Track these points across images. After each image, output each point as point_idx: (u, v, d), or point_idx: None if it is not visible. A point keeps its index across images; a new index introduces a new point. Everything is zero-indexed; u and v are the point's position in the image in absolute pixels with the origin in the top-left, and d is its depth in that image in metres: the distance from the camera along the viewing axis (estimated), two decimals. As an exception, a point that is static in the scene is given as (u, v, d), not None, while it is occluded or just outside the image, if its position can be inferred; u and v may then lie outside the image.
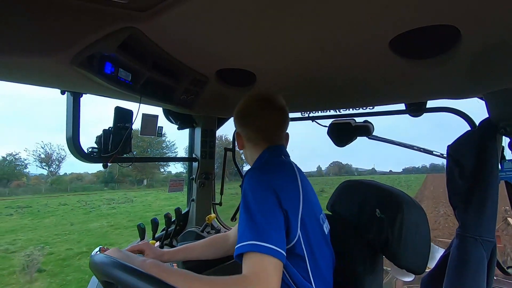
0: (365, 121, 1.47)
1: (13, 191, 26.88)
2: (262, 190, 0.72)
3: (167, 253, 0.98)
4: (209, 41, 0.84)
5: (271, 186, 0.72)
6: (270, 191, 0.71)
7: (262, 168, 0.81)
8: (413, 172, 63.21)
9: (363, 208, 0.96)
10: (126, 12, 0.68)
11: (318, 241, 0.78)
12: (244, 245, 0.65)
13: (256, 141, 0.92)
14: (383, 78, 1.02)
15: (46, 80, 0.88)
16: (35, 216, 14.62)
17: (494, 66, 0.81)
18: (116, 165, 1.19)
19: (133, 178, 32.51)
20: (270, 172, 0.77)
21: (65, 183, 30.42)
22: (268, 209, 0.69)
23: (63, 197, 22.51)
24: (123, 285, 0.58)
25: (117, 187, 31.14)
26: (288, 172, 0.80)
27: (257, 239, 0.64)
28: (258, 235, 0.65)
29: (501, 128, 0.91)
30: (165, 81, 1.07)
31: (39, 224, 12.83)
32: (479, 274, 0.87)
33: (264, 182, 0.73)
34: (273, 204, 0.70)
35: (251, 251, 0.64)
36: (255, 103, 0.92)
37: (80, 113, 1.04)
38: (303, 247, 0.74)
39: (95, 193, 26.23)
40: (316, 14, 0.65)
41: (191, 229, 1.61)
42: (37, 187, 29.25)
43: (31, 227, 12.14)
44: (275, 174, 0.76)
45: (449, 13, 0.62)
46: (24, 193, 26.39)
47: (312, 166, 49.23)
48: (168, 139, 32.34)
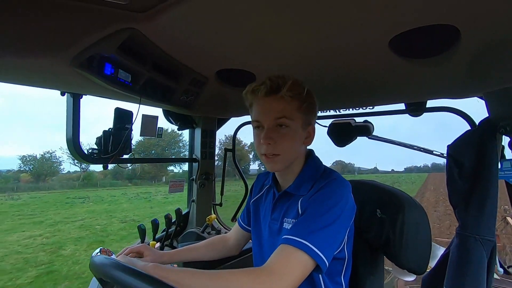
0: (365, 121, 1.47)
1: (51, 186, 29.18)
2: (351, 204, 0.74)
3: (166, 255, 0.97)
4: (209, 42, 0.84)
5: (352, 200, 0.75)
6: (353, 206, 0.75)
7: (342, 179, 0.78)
8: (414, 171, 63.28)
9: (363, 208, 0.96)
10: (126, 13, 0.68)
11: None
12: (300, 242, 0.64)
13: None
14: (383, 78, 1.02)
15: (45, 81, 0.88)
16: (107, 203, 16.20)
17: (494, 65, 0.81)
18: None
19: (153, 175, 33.98)
20: (348, 186, 0.76)
21: (95, 179, 32.72)
22: (345, 225, 0.72)
23: (103, 191, 24.67)
24: (124, 286, 0.57)
25: (139, 183, 33.20)
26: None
27: (316, 246, 0.63)
28: (320, 244, 0.64)
29: (501, 127, 0.91)
30: (164, 82, 1.07)
31: (121, 208, 14.20)
32: (479, 273, 0.87)
33: (350, 196, 0.75)
34: (348, 222, 0.74)
35: (301, 250, 0.63)
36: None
37: (80, 114, 1.04)
38: (345, 250, 0.79)
39: (124, 188, 28.46)
40: (316, 14, 0.65)
41: (192, 230, 1.61)
42: (71, 183, 31.75)
43: (121, 210, 13.52)
44: (350, 188, 0.77)
45: (448, 12, 0.62)
46: (61, 188, 28.65)
47: None
48: (185, 138, 34.61)
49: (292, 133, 0.75)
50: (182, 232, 1.64)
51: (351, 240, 0.82)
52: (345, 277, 0.82)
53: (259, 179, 1.01)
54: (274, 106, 0.74)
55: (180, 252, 1.01)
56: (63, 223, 10.70)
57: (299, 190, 0.79)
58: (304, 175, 0.81)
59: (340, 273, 0.80)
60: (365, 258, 0.94)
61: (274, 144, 0.74)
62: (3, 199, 18.95)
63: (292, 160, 0.80)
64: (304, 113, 0.77)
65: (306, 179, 0.80)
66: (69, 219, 11.29)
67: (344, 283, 0.82)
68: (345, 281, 0.83)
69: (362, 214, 0.96)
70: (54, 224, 10.45)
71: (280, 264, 0.62)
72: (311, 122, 0.82)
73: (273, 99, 0.73)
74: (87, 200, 17.35)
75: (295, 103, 0.75)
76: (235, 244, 1.07)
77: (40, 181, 33.33)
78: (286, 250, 0.64)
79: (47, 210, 13.89)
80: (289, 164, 0.80)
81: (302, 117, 0.77)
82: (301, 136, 0.79)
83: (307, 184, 0.79)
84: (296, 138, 0.77)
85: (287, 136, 0.75)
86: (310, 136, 0.83)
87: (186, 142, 1.84)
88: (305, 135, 0.81)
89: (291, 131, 0.75)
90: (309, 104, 0.78)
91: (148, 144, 36.75)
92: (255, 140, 0.80)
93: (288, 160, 0.78)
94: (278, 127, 0.74)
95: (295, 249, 0.63)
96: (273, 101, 0.74)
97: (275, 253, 0.65)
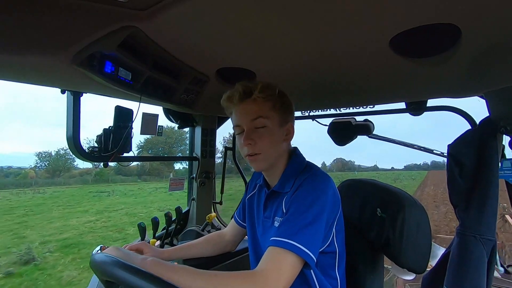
0: (366, 120, 1.47)
1: (66, 182, 30.46)
2: (333, 198, 0.75)
3: (166, 252, 0.98)
4: (209, 40, 0.84)
5: (336, 194, 0.76)
6: (337, 200, 0.76)
7: (322, 173, 0.80)
8: (414, 169, 63.62)
9: (364, 207, 0.97)
10: (126, 11, 0.68)
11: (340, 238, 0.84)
12: (287, 242, 0.66)
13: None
14: (383, 77, 1.02)
15: (46, 80, 0.88)
16: (132, 196, 17.22)
17: (495, 65, 0.81)
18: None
19: (160, 172, 35.49)
20: (328, 179, 0.78)
21: (106, 175, 33.65)
22: (329, 219, 0.73)
23: (116, 186, 25.35)
24: (124, 284, 0.58)
25: (148, 179, 34.68)
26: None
27: (303, 244, 0.65)
28: (305, 240, 0.66)
29: (501, 127, 0.90)
30: (165, 80, 1.07)
31: (149, 200, 15.09)
32: (480, 273, 0.87)
33: (333, 189, 0.76)
34: (334, 213, 0.75)
35: (288, 250, 0.65)
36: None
37: (81, 112, 1.04)
38: (336, 244, 0.80)
39: (135, 183, 29.93)
40: (316, 13, 0.65)
41: (192, 228, 1.61)
42: (85, 178, 33.11)
43: (150, 201, 14.45)
44: (331, 182, 0.78)
45: (449, 11, 0.62)
46: (75, 183, 29.98)
47: (317, 163, 51.39)
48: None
49: (269, 132, 0.80)
50: (182, 230, 1.64)
51: (342, 232, 0.83)
52: (339, 271, 0.82)
53: (254, 177, 1.04)
54: (249, 108, 0.80)
55: (178, 249, 1.02)
56: (107, 211, 11.81)
57: (284, 188, 0.82)
58: (288, 173, 0.84)
59: (333, 267, 0.81)
60: (365, 256, 0.94)
61: (255, 144, 0.79)
62: (30, 193, 20.09)
63: (274, 158, 0.83)
64: (279, 112, 0.82)
65: (289, 177, 0.82)
66: (110, 209, 12.43)
67: (338, 277, 0.82)
68: (340, 274, 0.83)
69: (363, 213, 0.97)
70: (100, 213, 11.52)
71: (271, 267, 0.64)
72: (288, 120, 0.86)
73: (247, 103, 0.80)
74: (111, 194, 18.50)
75: (269, 103, 0.80)
76: (232, 240, 1.10)
77: (55, 176, 34.75)
78: (275, 252, 0.66)
79: (81, 202, 15.10)
80: (273, 162, 0.83)
81: (278, 116, 0.82)
82: (279, 134, 0.83)
83: (290, 181, 0.81)
84: (274, 136, 0.81)
85: (265, 135, 0.80)
86: (290, 133, 0.87)
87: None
88: (285, 133, 0.84)
89: (268, 130, 0.80)
90: (282, 103, 0.83)
91: (156, 141, 37.93)
92: (238, 145, 0.84)
93: (270, 158, 0.82)
94: (257, 128, 0.80)
95: (283, 250, 0.65)
96: (247, 104, 0.80)
97: (265, 255, 0.68)
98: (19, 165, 54.03)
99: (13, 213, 11.76)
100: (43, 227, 9.23)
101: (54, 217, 10.81)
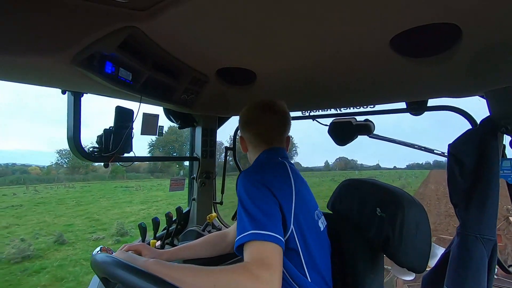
0: (366, 120, 1.46)
1: (85, 178, 32.27)
2: (254, 186, 0.75)
3: (166, 253, 0.98)
4: (209, 40, 0.84)
5: (263, 183, 0.75)
6: (263, 187, 0.75)
7: (254, 168, 0.85)
8: (416, 168, 63.65)
9: (363, 207, 0.96)
10: (126, 11, 0.68)
11: (312, 236, 0.81)
12: (244, 235, 0.67)
13: (256, 144, 0.96)
14: (384, 76, 1.02)
15: (46, 80, 0.88)
16: (160, 190, 18.41)
17: (495, 64, 0.81)
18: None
19: (171, 169, 36.73)
20: (261, 172, 0.80)
21: (122, 172, 35.08)
22: (262, 201, 0.72)
23: (134, 182, 27.11)
24: (125, 284, 0.58)
25: (161, 176, 36.36)
26: (281, 171, 0.83)
27: (256, 229, 0.66)
28: (256, 225, 0.67)
29: (502, 126, 0.90)
30: (165, 80, 1.07)
31: (178, 193, 16.55)
32: (480, 273, 0.87)
33: (256, 181, 0.76)
34: (267, 197, 0.74)
35: (251, 240, 0.66)
36: (256, 109, 0.97)
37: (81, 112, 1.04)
38: (297, 241, 0.77)
39: (150, 180, 32.03)
40: (316, 13, 0.65)
41: (192, 228, 1.61)
42: (102, 175, 34.55)
43: (180, 194, 16.03)
44: (266, 173, 0.80)
45: (450, 11, 0.62)
46: (93, 179, 31.79)
47: (320, 162, 50.86)
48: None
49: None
50: (183, 231, 1.64)
51: (304, 231, 0.78)
52: (311, 273, 0.78)
53: None
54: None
55: (178, 250, 1.02)
56: (149, 202, 12.98)
57: None
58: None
59: (301, 268, 0.77)
60: (365, 256, 0.94)
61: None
62: (62, 187, 22.50)
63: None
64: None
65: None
66: (150, 200, 13.81)
67: (313, 281, 0.78)
68: (316, 278, 0.79)
69: (362, 212, 0.97)
70: (145, 203, 12.72)
71: (259, 257, 0.64)
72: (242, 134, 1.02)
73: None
74: (138, 188, 20.28)
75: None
76: (234, 241, 1.08)
77: (75, 173, 36.09)
78: (251, 246, 0.66)
79: (116, 195, 16.85)
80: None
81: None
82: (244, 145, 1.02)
83: None
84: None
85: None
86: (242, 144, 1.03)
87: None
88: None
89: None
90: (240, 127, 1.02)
91: (168, 140, 39.68)
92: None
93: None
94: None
95: (248, 244, 0.66)
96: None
97: (246, 254, 0.67)
98: (23, 162, 55.20)
99: (65, 203, 13.80)
100: (106, 213, 10.99)
101: (106, 206, 12.58)
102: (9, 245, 6.58)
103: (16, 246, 6.39)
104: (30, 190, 19.38)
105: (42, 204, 13.86)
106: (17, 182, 26.30)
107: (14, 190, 19.59)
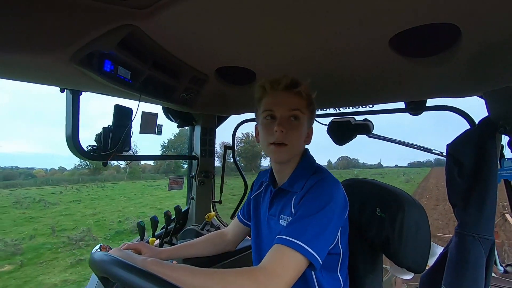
0: (365, 119, 1.47)
1: (106, 178, 33.03)
2: (342, 205, 0.75)
3: (165, 252, 0.98)
4: (209, 39, 0.84)
5: (346, 205, 0.78)
6: (346, 209, 0.77)
7: (333, 177, 0.81)
8: (418, 166, 64.11)
9: (363, 207, 0.96)
10: (125, 10, 0.68)
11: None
12: (293, 242, 0.65)
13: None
14: (383, 76, 1.02)
15: (45, 78, 0.88)
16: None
17: (494, 65, 0.81)
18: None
19: (185, 170, 37.04)
20: (338, 184, 0.79)
21: (138, 173, 36.10)
22: (337, 226, 0.74)
23: (152, 182, 28.07)
24: (123, 283, 0.58)
25: (174, 176, 36.96)
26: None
27: (308, 245, 0.65)
28: (313, 244, 0.66)
29: (500, 126, 0.91)
30: (164, 79, 1.07)
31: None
32: (478, 272, 0.87)
33: (344, 199, 0.77)
34: (341, 220, 0.76)
35: (291, 248, 0.65)
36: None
37: (80, 111, 1.04)
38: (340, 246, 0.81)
39: (164, 179, 33.90)
40: (316, 13, 0.65)
41: (191, 227, 1.61)
42: (120, 176, 35.35)
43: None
44: (340, 187, 0.79)
45: (449, 11, 0.62)
46: (114, 179, 33.12)
47: (323, 161, 51.17)
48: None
49: (300, 126, 0.82)
50: (182, 229, 1.64)
51: (346, 235, 0.84)
52: (341, 272, 0.83)
53: (260, 176, 1.04)
54: (292, 99, 0.81)
55: (178, 248, 1.02)
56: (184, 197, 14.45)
57: (293, 187, 0.83)
58: (298, 173, 0.85)
59: (336, 268, 0.82)
60: (364, 256, 0.94)
61: (286, 134, 0.79)
62: (95, 187, 23.85)
63: (295, 154, 0.85)
64: (310, 112, 0.85)
65: (300, 177, 0.83)
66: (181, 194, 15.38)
67: (341, 278, 0.83)
68: (343, 276, 0.83)
69: (362, 213, 0.97)
70: (181, 198, 14.01)
71: (276, 264, 0.64)
72: (311, 123, 0.90)
73: (291, 94, 0.81)
74: (162, 187, 21.03)
75: (306, 101, 0.83)
76: (233, 239, 1.09)
77: (95, 174, 36.67)
78: (281, 250, 0.66)
79: (145, 193, 18.42)
80: (292, 157, 0.84)
81: (309, 115, 0.85)
82: (305, 133, 0.85)
83: (301, 182, 0.82)
84: (302, 132, 0.83)
85: (297, 128, 0.81)
86: (309, 136, 0.89)
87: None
88: (306, 134, 0.87)
89: (300, 125, 0.82)
90: (313, 106, 0.87)
91: (180, 141, 40.18)
92: (264, 130, 0.84)
93: (293, 152, 0.83)
94: (291, 119, 0.81)
95: (289, 249, 0.65)
96: (291, 95, 0.81)
97: (270, 253, 0.67)
98: (26, 165, 55.50)
99: (116, 199, 15.54)
100: (162, 204, 12.92)
101: (156, 200, 14.44)
102: (122, 222, 9.68)
103: (131, 223, 9.47)
104: (67, 190, 20.90)
105: (97, 199, 15.64)
106: (35, 183, 27.06)
107: (52, 190, 20.77)
